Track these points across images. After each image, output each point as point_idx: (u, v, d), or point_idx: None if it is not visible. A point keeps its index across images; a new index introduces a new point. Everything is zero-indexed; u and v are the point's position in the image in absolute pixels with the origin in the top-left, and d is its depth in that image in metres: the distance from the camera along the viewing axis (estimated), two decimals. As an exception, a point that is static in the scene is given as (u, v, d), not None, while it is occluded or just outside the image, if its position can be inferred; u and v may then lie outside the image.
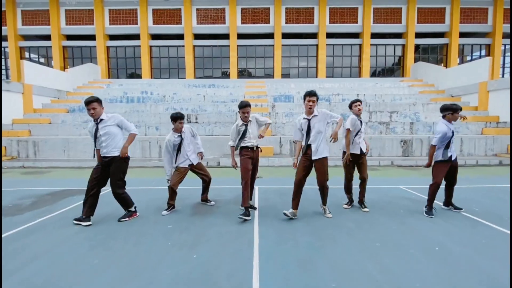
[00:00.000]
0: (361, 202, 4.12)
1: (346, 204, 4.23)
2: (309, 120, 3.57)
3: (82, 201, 3.60)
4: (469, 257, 2.59)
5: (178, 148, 4.05)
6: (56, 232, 3.28)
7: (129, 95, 14.73)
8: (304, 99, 3.57)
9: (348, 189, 4.20)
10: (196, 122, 11.73)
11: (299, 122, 3.70)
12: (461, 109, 3.92)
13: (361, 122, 4.01)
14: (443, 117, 3.95)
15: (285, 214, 3.62)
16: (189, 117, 11.82)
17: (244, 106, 3.75)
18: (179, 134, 4.06)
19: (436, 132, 3.84)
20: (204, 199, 4.41)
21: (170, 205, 4.02)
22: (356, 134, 3.97)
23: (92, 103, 3.40)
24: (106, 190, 4.21)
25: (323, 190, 3.77)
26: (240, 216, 3.56)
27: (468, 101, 13.48)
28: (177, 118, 3.98)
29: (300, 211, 3.91)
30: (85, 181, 5.84)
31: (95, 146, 3.59)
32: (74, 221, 3.51)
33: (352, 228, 3.36)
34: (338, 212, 3.95)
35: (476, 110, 12.76)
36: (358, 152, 3.99)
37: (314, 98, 3.51)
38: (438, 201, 4.37)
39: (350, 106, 4.10)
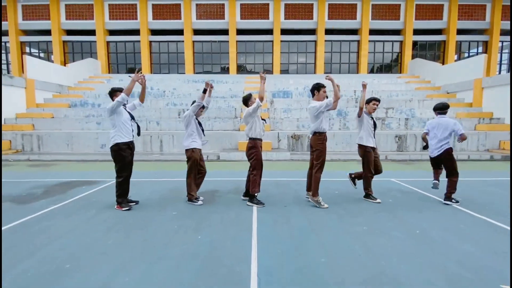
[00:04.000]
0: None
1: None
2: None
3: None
4: (445, 239, 2.89)
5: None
6: (71, 217, 3.56)
7: (129, 90, 14.91)
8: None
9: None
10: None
11: None
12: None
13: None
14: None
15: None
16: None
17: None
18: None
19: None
20: None
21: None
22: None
23: None
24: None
25: None
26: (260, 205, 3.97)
27: (463, 98, 13.75)
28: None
29: (295, 199, 4.22)
30: (89, 174, 6.15)
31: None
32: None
33: (342, 215, 3.65)
34: (331, 202, 4.24)
35: (470, 106, 13.04)
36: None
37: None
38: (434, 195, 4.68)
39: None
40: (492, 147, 10.41)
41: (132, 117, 3.97)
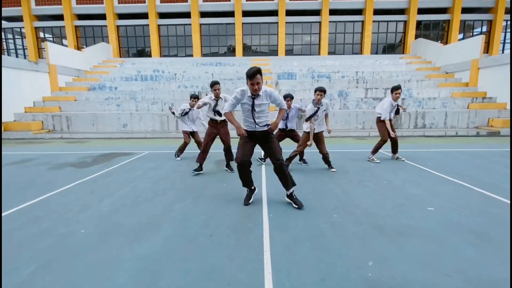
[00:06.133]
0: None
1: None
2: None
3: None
4: (403, 186, 3.97)
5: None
6: (125, 175, 4.72)
7: (142, 74, 15.81)
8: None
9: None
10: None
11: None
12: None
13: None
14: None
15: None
16: (200, 95, 13.00)
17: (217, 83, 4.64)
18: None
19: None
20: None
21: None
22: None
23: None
24: (141, 153, 5.55)
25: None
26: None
27: (460, 78, 14.32)
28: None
29: (297, 165, 5.32)
30: (122, 147, 7.38)
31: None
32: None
33: (332, 174, 4.74)
34: (325, 167, 5.32)
35: (466, 86, 13.66)
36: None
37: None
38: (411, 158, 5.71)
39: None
40: (481, 124, 11.22)
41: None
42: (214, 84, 4.66)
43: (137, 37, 21.00)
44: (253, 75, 2.88)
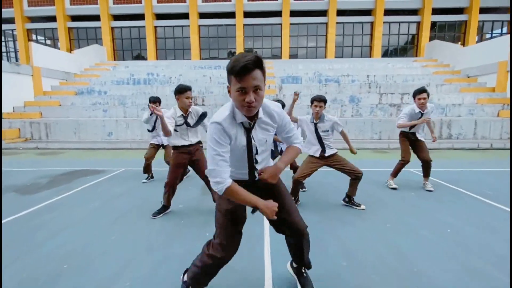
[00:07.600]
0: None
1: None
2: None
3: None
4: (481, 239, 2.59)
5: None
6: (74, 209, 3.40)
7: (135, 77, 14.67)
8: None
9: None
10: (203, 104, 11.68)
11: None
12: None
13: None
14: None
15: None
16: (196, 99, 11.77)
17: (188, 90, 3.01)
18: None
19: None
20: None
21: None
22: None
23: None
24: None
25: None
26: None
27: (485, 82, 12.95)
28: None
29: (309, 194, 3.95)
30: (96, 162, 5.99)
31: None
32: None
33: (361, 213, 3.37)
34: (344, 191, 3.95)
35: (493, 91, 12.26)
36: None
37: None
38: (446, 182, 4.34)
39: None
40: (515, 134, 9.79)
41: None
42: (185, 91, 2.94)
43: (133, 39, 19.94)
44: (244, 70, 1.21)
